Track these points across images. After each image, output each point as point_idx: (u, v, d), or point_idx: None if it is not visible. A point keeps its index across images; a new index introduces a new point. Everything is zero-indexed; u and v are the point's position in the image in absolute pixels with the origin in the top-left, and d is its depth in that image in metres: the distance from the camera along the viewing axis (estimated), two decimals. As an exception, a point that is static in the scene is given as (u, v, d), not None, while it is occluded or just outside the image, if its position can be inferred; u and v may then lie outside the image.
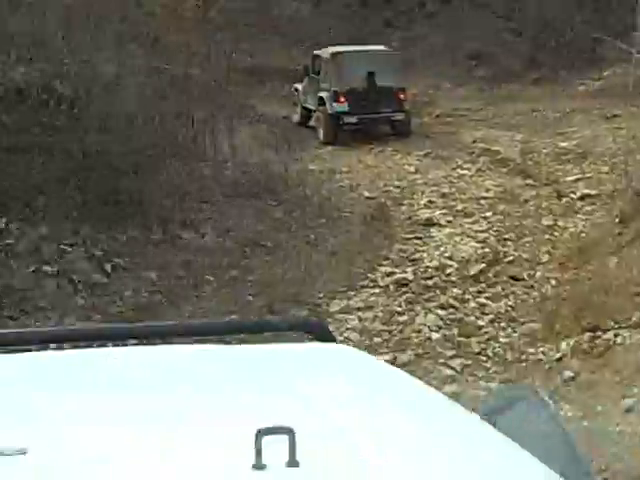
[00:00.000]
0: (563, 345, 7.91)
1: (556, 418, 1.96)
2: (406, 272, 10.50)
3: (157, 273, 9.25)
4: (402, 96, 18.96)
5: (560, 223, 12.49)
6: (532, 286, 9.90)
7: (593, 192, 13.84)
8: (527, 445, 1.62)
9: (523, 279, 10.17)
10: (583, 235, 11.55)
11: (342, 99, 18.53)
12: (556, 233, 11.95)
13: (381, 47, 20.64)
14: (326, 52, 19.94)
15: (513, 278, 10.20)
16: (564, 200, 13.78)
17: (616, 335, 7.50)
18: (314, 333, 2.15)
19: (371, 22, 26.90)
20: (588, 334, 7.85)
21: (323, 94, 19.13)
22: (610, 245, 9.94)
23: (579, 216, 12.70)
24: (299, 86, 20.82)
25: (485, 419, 1.82)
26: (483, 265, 10.46)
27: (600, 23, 23.16)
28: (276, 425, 1.35)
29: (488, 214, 13.16)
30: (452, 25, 25.41)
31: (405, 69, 24.82)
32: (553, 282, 9.82)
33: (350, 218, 12.88)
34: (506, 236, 11.90)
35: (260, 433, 1.33)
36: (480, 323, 9.13)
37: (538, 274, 10.21)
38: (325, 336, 2.13)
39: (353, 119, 18.58)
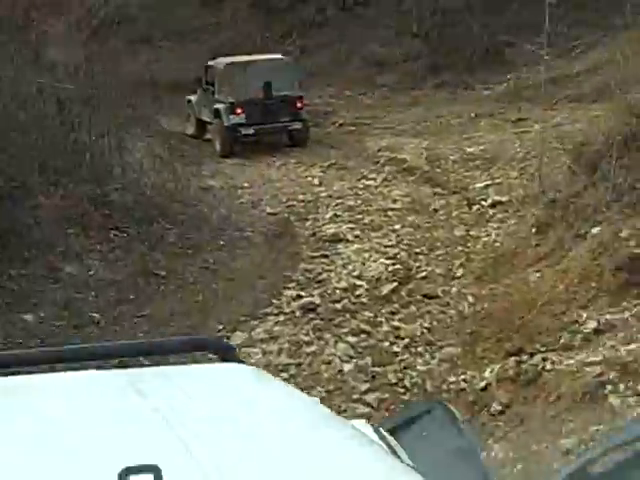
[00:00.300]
0: (487, 372, 7.10)
1: (463, 432, 1.91)
2: (313, 295, 9.60)
3: (34, 315, 8.12)
4: (299, 105, 18.56)
5: (473, 233, 11.77)
6: (448, 304, 9.10)
7: (504, 199, 13.17)
8: (428, 458, 1.65)
9: (438, 296, 9.36)
10: (498, 245, 10.84)
11: (238, 110, 18.00)
12: (469, 244, 11.21)
13: (277, 55, 20.19)
14: (220, 63, 19.29)
15: (427, 296, 9.37)
16: (475, 208, 13.09)
17: (544, 359, 6.73)
18: (219, 353, 2.09)
19: (272, 30, 26.06)
20: (513, 358, 7.07)
21: (219, 106, 18.49)
22: (528, 257, 9.21)
23: (492, 225, 12.01)
24: (193, 98, 20.07)
25: (387, 434, 1.86)
26: (395, 284, 9.62)
27: (509, 24, 22.76)
28: (141, 464, 1.29)
29: (397, 227, 12.37)
30: (353, 32, 24.74)
31: (306, 78, 24.09)
32: (470, 299, 9.03)
33: (252, 238, 11.92)
34: (417, 250, 11.11)
35: (124, 473, 1.27)
36: (395, 349, 8.28)
37: (454, 290, 9.42)
38: (229, 356, 2.08)
39: (250, 130, 18.10)
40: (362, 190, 15.34)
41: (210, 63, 19.55)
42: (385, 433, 1.94)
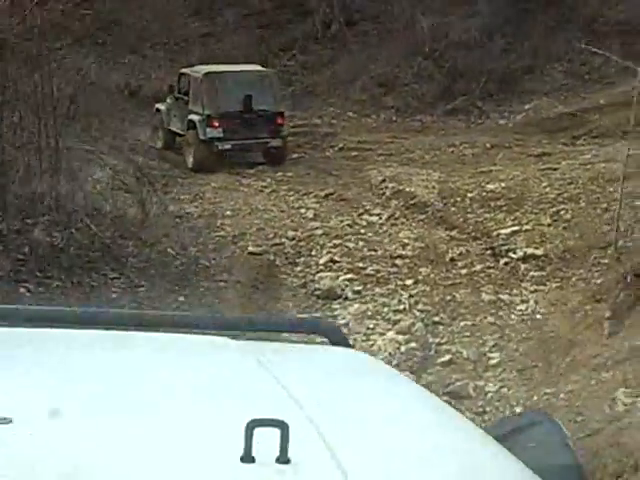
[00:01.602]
0: None
1: (568, 446, 1.81)
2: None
3: None
4: (280, 121, 16.75)
5: (504, 297, 9.04)
6: (483, 411, 6.32)
7: (538, 252, 10.46)
8: (536, 471, 1.55)
9: (469, 396, 6.59)
10: (541, 319, 8.09)
11: (216, 124, 16.14)
12: (502, 313, 8.47)
13: (258, 67, 18.22)
14: (197, 71, 17.13)
15: (454, 395, 6.60)
16: (502, 262, 10.37)
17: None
18: (329, 337, 2.02)
19: (271, 43, 23.38)
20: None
21: (194, 117, 16.39)
22: (597, 349, 6.44)
23: (527, 287, 9.30)
24: (162, 107, 17.75)
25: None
26: (408, 374, 6.86)
27: (531, 49, 20.13)
28: (268, 417, 1.24)
29: (408, 282, 9.62)
30: (359, 49, 22.07)
31: (306, 96, 21.41)
32: (516, 406, 6.26)
33: (224, 291, 9.12)
34: (436, 318, 8.36)
35: (251, 425, 1.22)
36: None
37: (490, 389, 6.64)
38: (340, 341, 2.01)
39: (227, 145, 16.32)
40: (364, 228, 12.64)
41: (185, 71, 17.57)
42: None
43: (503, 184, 13.53)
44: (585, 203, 12.15)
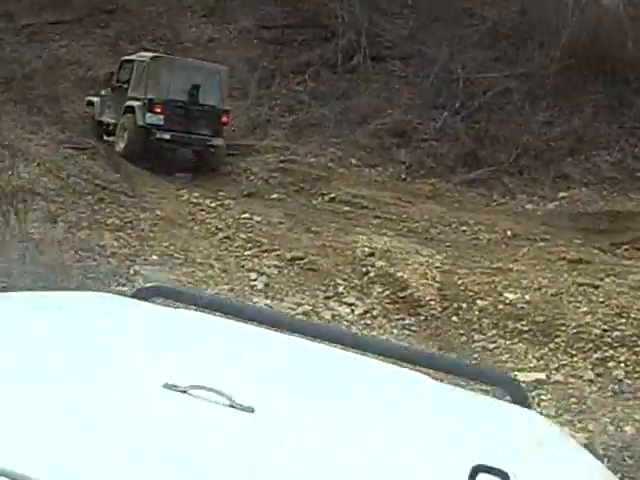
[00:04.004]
0: None
1: None
2: None
3: None
4: (225, 119, 15.27)
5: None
6: None
7: (575, 424, 6.44)
8: None
9: None
10: None
11: (157, 109, 14.39)
12: None
13: (211, 63, 16.34)
14: (144, 56, 15.23)
15: None
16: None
17: None
18: (511, 394, 1.94)
19: (282, 62, 19.55)
20: None
21: (133, 103, 14.51)
22: None
23: None
24: (94, 98, 15.61)
25: None
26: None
27: (576, 128, 16.22)
28: (494, 466, 1.18)
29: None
30: (379, 88, 18.20)
31: (307, 129, 17.53)
32: None
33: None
34: None
35: (476, 470, 1.18)
36: None
37: None
38: (520, 399, 1.92)
39: (167, 135, 14.42)
40: (329, 321, 8.63)
41: (128, 57, 15.64)
42: None
43: (527, 296, 9.49)
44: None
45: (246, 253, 10.63)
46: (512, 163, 16.09)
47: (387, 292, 9.64)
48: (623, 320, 8.86)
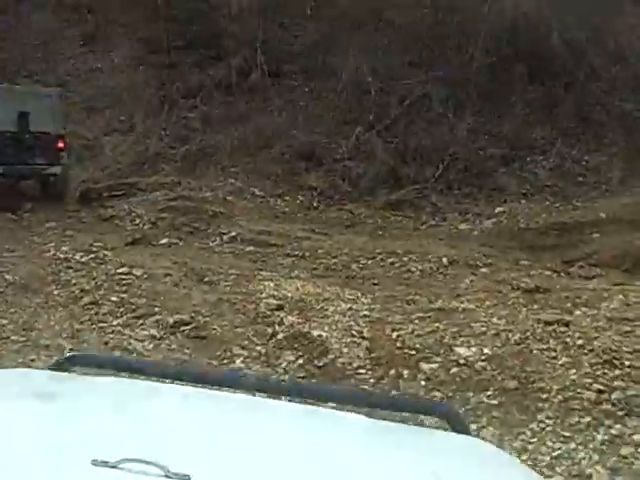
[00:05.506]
0: None
1: None
2: None
3: None
4: (61, 145, 13.83)
5: None
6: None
7: None
8: None
9: None
10: None
11: None
12: None
13: (38, 86, 15.40)
14: None
15: None
16: None
17: None
18: (450, 422, 1.93)
19: (171, 88, 16.96)
20: None
21: None
22: None
23: None
24: None
25: None
26: None
27: (509, 136, 13.94)
28: None
29: None
30: (281, 107, 15.71)
31: (201, 160, 14.93)
32: None
33: None
34: None
35: None
36: None
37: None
38: (460, 427, 1.91)
39: None
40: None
41: None
42: None
43: (486, 349, 6.98)
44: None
45: (115, 322, 7.93)
46: (439, 179, 13.76)
47: (300, 360, 7.07)
48: (618, 372, 6.43)
